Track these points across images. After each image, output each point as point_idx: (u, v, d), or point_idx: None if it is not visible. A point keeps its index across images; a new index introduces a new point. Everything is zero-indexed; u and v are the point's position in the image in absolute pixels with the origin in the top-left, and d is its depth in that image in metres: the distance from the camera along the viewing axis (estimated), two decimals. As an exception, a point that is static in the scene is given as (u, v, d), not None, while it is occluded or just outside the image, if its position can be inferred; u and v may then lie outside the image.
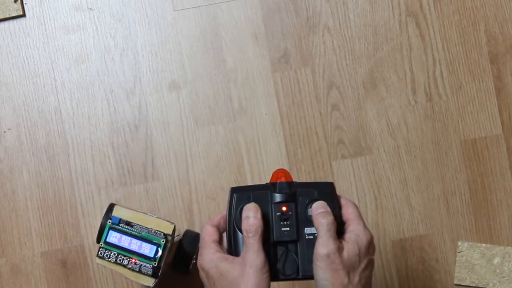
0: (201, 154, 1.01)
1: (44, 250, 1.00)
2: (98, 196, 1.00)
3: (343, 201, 0.74)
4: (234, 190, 0.73)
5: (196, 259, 0.96)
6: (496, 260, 0.98)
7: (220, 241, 0.73)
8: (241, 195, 0.72)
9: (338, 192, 0.74)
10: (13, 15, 1.02)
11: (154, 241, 0.87)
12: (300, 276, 0.72)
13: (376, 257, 0.99)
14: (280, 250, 0.72)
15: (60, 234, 1.00)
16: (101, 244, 0.87)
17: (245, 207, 0.71)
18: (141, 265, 0.86)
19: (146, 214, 0.88)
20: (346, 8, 1.02)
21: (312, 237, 0.72)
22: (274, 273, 0.72)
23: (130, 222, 0.87)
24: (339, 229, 0.72)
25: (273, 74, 1.02)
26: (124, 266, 0.86)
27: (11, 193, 1.01)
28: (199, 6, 1.02)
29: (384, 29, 1.01)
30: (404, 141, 1.01)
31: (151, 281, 0.87)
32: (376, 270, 1.00)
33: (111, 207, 0.88)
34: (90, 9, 1.03)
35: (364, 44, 1.02)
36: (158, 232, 0.87)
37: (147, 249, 0.87)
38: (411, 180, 1.00)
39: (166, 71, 1.02)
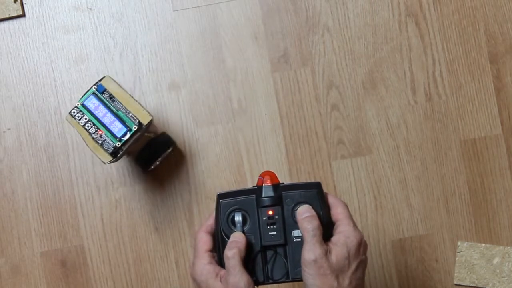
0: (200, 154, 1.01)
1: (44, 250, 1.00)
2: (98, 196, 1.00)
3: (332, 200, 0.73)
4: (220, 197, 0.73)
5: (160, 162, 0.96)
6: (495, 260, 0.98)
7: (214, 249, 0.73)
8: (227, 201, 0.73)
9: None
10: (13, 15, 1.02)
11: (127, 123, 0.85)
12: (290, 279, 0.72)
13: (376, 257, 0.99)
14: (269, 254, 0.72)
15: (59, 234, 1.00)
16: (78, 104, 0.86)
17: (232, 235, 0.72)
18: (105, 140, 0.85)
19: (131, 97, 0.86)
20: (346, 8, 1.02)
21: (300, 239, 0.72)
22: (264, 277, 0.72)
23: (113, 96, 0.86)
24: (328, 229, 0.71)
25: (272, 74, 1.02)
26: (90, 133, 0.86)
27: (11, 193, 1.01)
28: (198, 6, 1.02)
29: (383, 29, 1.01)
30: (403, 141, 1.01)
31: (107, 158, 0.86)
32: (376, 270, 1.00)
33: (101, 79, 0.87)
34: (90, 9, 1.02)
35: (364, 44, 1.01)
36: (135, 117, 0.86)
37: (117, 128, 0.85)
38: (411, 180, 1.00)
39: (166, 71, 1.01)
